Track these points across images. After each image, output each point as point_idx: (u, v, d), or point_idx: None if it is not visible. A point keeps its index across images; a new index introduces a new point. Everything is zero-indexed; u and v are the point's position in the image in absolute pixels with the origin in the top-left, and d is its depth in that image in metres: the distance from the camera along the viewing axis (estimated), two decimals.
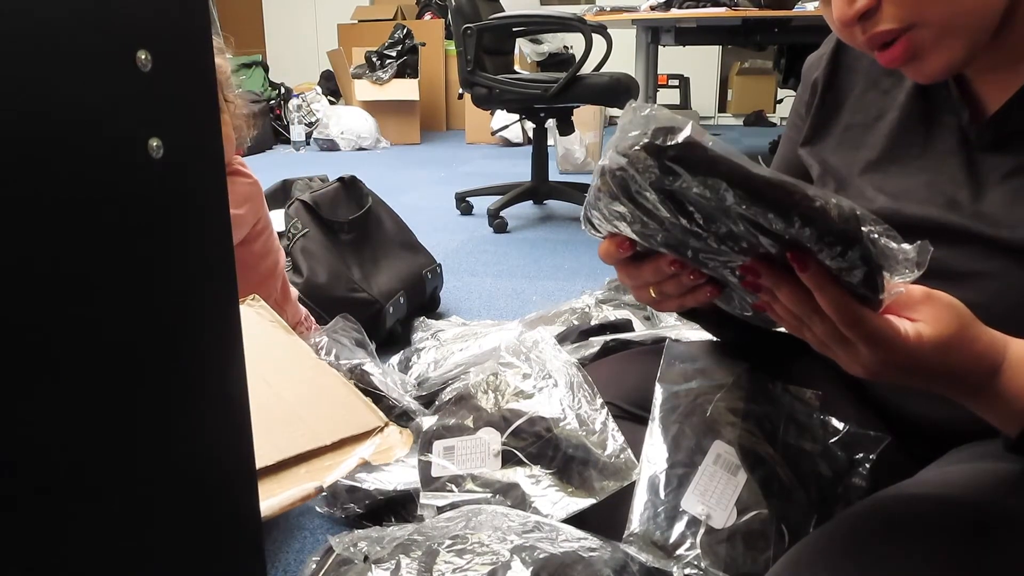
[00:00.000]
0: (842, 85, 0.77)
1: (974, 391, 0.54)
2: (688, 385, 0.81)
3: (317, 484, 0.91)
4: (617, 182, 0.50)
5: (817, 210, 0.45)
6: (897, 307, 0.51)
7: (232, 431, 0.54)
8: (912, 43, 0.59)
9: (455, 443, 0.91)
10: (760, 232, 0.47)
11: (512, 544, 0.71)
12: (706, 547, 0.71)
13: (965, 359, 0.52)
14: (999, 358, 0.53)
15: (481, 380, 0.95)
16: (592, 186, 0.54)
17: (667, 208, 0.50)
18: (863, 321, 0.48)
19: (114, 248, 0.44)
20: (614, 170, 0.49)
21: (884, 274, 0.48)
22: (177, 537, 0.51)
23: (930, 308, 0.51)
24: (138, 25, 0.43)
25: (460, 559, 0.70)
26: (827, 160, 0.76)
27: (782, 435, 0.77)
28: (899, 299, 0.51)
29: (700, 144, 0.45)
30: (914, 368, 0.51)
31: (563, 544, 0.72)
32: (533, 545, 0.71)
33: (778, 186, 0.45)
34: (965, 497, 0.59)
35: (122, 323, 0.45)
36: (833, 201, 0.45)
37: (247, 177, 1.42)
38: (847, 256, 0.46)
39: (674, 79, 6.19)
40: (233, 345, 0.53)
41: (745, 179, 0.45)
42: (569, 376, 0.91)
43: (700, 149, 0.45)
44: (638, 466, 0.79)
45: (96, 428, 0.44)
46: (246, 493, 0.57)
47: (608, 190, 0.51)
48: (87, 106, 0.41)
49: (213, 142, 0.50)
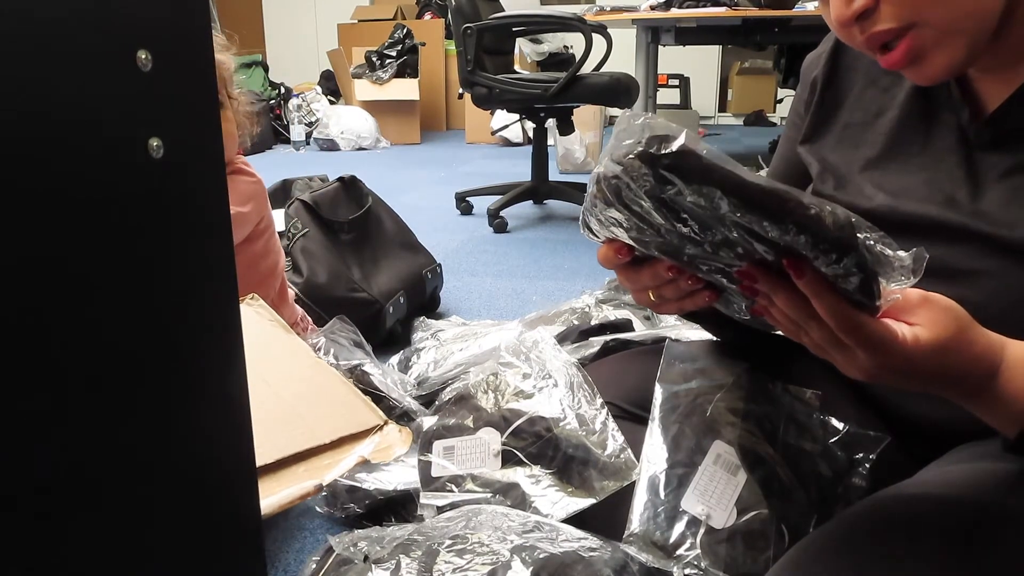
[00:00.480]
0: (841, 83, 0.77)
1: (972, 393, 0.54)
2: (688, 385, 0.81)
3: (316, 482, 0.91)
4: (612, 189, 0.50)
5: (812, 218, 0.45)
6: (894, 311, 0.51)
7: (232, 431, 0.55)
8: (913, 44, 0.59)
9: (455, 443, 0.91)
10: (755, 239, 0.47)
11: (512, 544, 0.71)
12: (706, 547, 0.71)
13: (963, 362, 0.52)
14: (997, 360, 0.53)
15: (481, 380, 0.95)
16: (588, 192, 0.54)
17: (662, 215, 0.50)
18: (860, 327, 0.48)
19: (114, 248, 0.44)
20: (609, 177, 0.49)
21: (880, 281, 0.48)
22: (177, 537, 0.51)
23: (927, 311, 0.51)
24: (138, 25, 0.43)
25: (460, 559, 0.70)
26: (826, 158, 0.76)
27: (782, 435, 0.77)
28: (896, 303, 0.51)
29: (694, 152, 0.45)
30: (912, 371, 0.51)
31: (563, 544, 0.72)
32: (533, 545, 0.71)
33: (772, 194, 0.45)
34: (965, 497, 0.59)
35: (122, 323, 0.45)
36: (828, 208, 0.45)
37: (250, 176, 1.42)
38: (843, 263, 0.46)
39: (674, 79, 6.19)
40: (233, 345, 0.53)
41: (739, 187, 0.45)
42: (569, 376, 0.91)
43: (694, 157, 0.45)
44: (638, 466, 0.79)
45: (96, 428, 0.44)
46: (246, 493, 0.57)
47: (603, 197, 0.52)
48: (87, 106, 0.41)
49: (213, 142, 0.50)
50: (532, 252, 2.54)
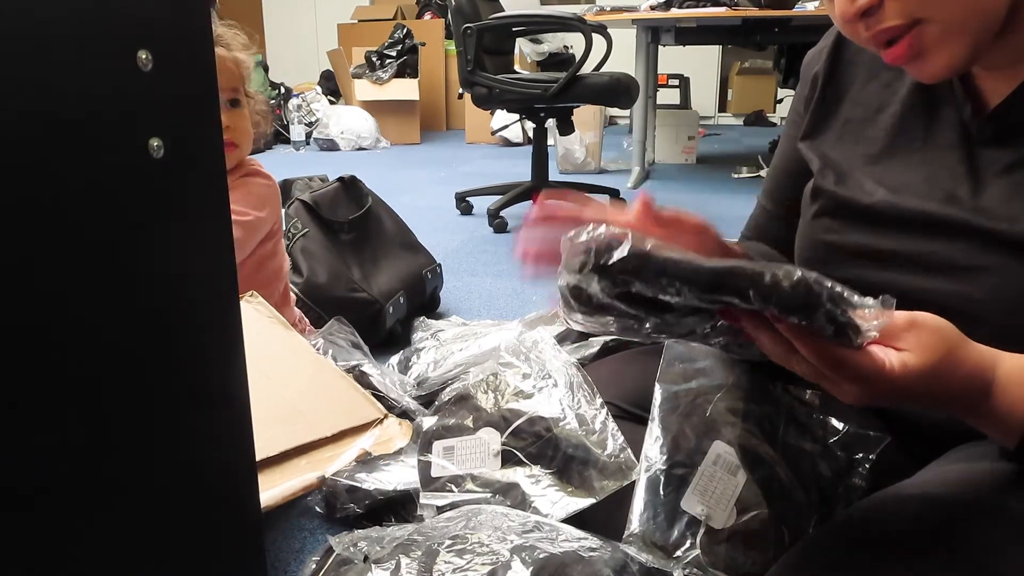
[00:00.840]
0: (843, 79, 0.77)
1: (966, 410, 0.54)
2: (688, 385, 0.81)
3: (319, 474, 0.92)
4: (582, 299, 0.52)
5: (769, 287, 0.45)
6: (881, 336, 0.50)
7: (233, 430, 0.55)
8: (917, 40, 0.58)
9: (455, 443, 0.91)
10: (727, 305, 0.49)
11: (512, 544, 0.71)
12: (706, 548, 0.71)
13: (954, 383, 0.51)
14: (989, 377, 0.53)
15: (481, 380, 0.95)
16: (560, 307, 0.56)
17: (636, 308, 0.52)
18: (844, 363, 0.48)
19: (115, 248, 0.44)
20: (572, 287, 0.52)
21: (856, 323, 0.48)
22: (178, 535, 0.51)
23: (915, 335, 0.50)
24: (139, 25, 0.43)
25: (460, 559, 0.70)
26: (827, 154, 0.76)
27: (782, 435, 0.77)
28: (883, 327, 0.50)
29: (642, 253, 0.47)
30: (903, 396, 0.51)
31: (563, 544, 0.72)
32: (533, 545, 0.71)
33: (727, 274, 0.46)
34: (964, 497, 0.59)
35: (123, 322, 0.45)
36: (781, 274, 0.46)
37: (265, 178, 1.41)
38: (813, 320, 0.47)
39: (674, 79, 6.19)
40: (234, 344, 0.53)
41: (694, 275, 0.46)
42: (569, 376, 0.91)
43: (642, 258, 0.47)
44: (638, 466, 0.79)
45: (95, 427, 0.44)
46: (247, 492, 0.57)
47: (578, 308, 0.54)
48: (87, 106, 0.41)
49: (214, 142, 0.50)
50: None
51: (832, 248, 0.73)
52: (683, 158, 4.52)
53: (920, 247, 0.66)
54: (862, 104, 0.75)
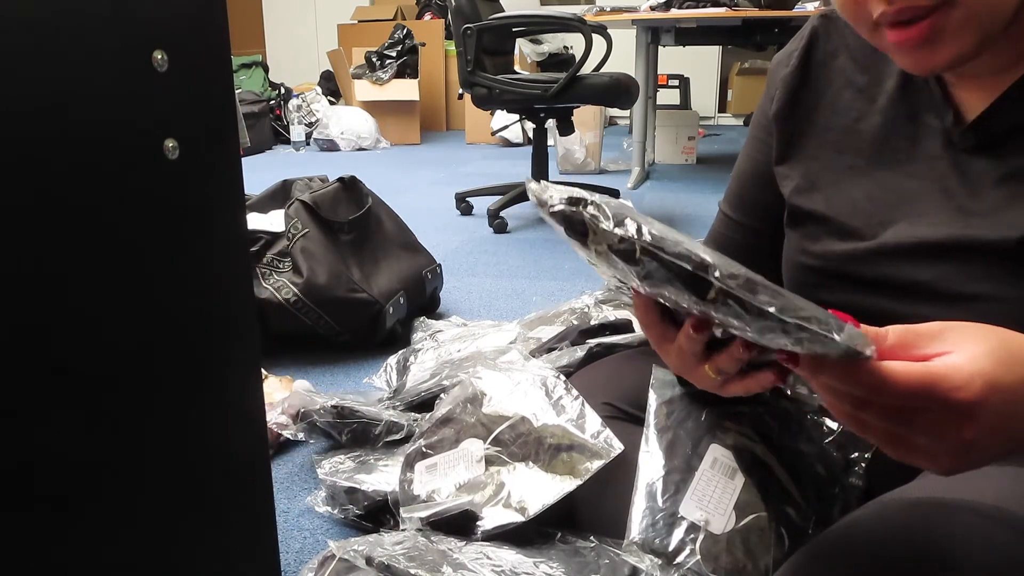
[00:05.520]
0: (817, 83, 0.75)
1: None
2: (681, 390, 0.81)
3: None
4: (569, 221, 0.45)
5: None
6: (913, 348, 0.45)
7: (247, 432, 0.54)
8: (938, 23, 0.57)
9: (437, 459, 0.91)
10: None
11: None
12: (706, 553, 0.71)
13: None
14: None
15: (458, 397, 0.96)
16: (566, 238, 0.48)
17: None
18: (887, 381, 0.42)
19: (129, 248, 0.44)
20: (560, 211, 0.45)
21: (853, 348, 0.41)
22: (189, 538, 0.51)
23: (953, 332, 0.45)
24: (155, 25, 0.43)
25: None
26: (808, 165, 0.75)
27: (778, 436, 0.77)
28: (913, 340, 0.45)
29: None
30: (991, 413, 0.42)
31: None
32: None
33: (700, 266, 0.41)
34: (968, 502, 0.59)
35: (137, 322, 0.45)
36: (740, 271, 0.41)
37: None
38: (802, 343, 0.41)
39: (674, 79, 6.19)
40: (248, 344, 0.53)
41: None
42: (543, 376, 0.92)
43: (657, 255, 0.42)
44: (621, 448, 0.80)
45: (109, 427, 0.44)
46: (262, 495, 0.57)
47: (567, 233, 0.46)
48: (103, 106, 0.41)
49: (229, 143, 0.49)
50: (532, 252, 2.54)
51: (817, 272, 0.72)
52: (683, 158, 4.52)
53: (912, 274, 0.66)
54: (840, 113, 0.73)
